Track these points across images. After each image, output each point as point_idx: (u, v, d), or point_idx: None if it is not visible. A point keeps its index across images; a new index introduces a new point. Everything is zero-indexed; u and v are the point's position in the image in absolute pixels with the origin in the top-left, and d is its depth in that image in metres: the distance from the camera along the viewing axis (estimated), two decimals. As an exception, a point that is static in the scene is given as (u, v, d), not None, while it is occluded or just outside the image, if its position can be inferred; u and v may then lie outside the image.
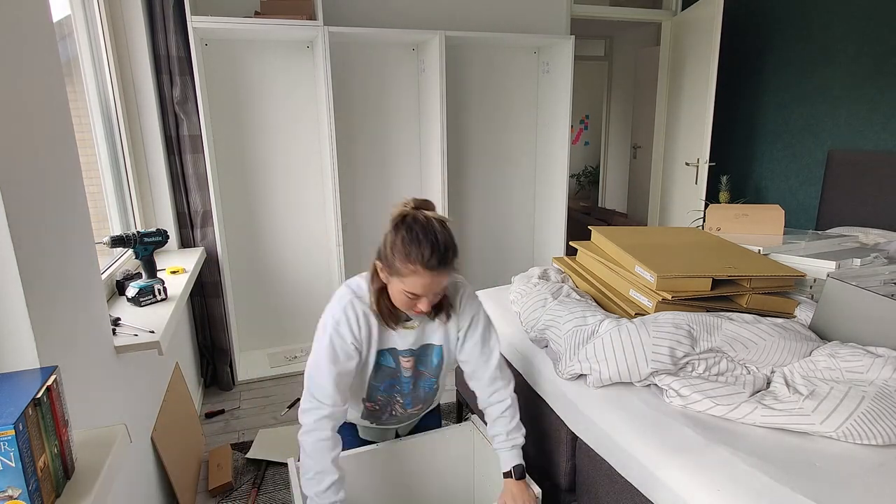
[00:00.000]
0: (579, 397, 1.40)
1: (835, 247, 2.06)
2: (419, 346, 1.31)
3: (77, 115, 1.89)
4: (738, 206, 2.36)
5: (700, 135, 3.39)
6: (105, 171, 2.09)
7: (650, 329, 1.40)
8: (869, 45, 2.78)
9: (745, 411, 1.18)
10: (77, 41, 1.96)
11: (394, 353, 1.30)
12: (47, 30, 1.09)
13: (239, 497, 1.94)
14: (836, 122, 2.99)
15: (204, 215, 2.57)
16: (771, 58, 3.34)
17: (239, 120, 2.88)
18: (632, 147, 5.27)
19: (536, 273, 2.06)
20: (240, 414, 2.54)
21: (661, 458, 1.11)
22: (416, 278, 1.12)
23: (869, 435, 1.08)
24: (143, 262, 1.75)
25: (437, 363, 1.35)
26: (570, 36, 3.12)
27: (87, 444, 0.86)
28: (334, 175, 2.79)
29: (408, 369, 1.33)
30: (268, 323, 3.16)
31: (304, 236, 3.12)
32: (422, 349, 1.32)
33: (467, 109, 3.38)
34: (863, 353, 1.28)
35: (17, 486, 0.65)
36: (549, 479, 1.58)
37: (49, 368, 0.77)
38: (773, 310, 1.65)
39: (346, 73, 3.02)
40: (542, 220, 3.61)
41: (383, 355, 1.29)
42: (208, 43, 2.74)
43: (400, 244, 1.12)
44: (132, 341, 1.41)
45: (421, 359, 1.33)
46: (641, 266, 1.65)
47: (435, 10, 3.13)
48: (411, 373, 1.34)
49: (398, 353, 1.30)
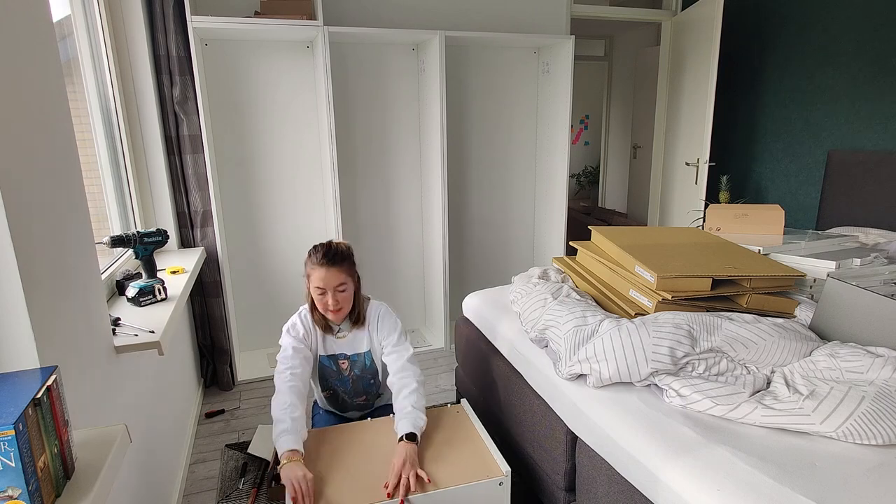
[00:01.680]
0: (579, 397, 1.40)
1: (835, 247, 2.06)
2: (352, 352, 1.73)
3: (77, 115, 1.89)
4: (738, 206, 2.36)
5: (700, 135, 3.39)
6: (105, 171, 2.09)
7: (650, 329, 1.40)
8: (869, 45, 2.78)
9: (745, 411, 1.18)
10: (77, 41, 1.96)
11: (333, 358, 1.73)
12: (47, 30, 1.09)
13: (239, 497, 1.94)
14: (836, 122, 2.99)
15: (204, 215, 2.57)
16: (771, 58, 3.34)
17: (239, 120, 2.88)
18: (632, 147, 5.27)
19: (536, 273, 2.06)
20: (240, 414, 2.54)
21: (660, 458, 1.11)
22: (315, 273, 1.60)
23: (869, 435, 1.08)
24: (143, 262, 1.75)
25: (369, 364, 1.75)
26: (570, 36, 3.13)
27: (87, 444, 0.86)
28: (334, 175, 2.79)
29: (346, 370, 1.74)
30: (268, 323, 3.16)
31: (304, 236, 3.12)
32: (355, 355, 1.73)
33: (467, 109, 3.38)
34: (863, 353, 1.28)
35: (17, 486, 0.65)
36: (549, 479, 1.58)
37: (49, 368, 0.77)
38: (773, 310, 1.65)
39: (346, 72, 3.02)
40: (542, 220, 3.61)
41: (324, 359, 1.73)
42: (208, 43, 2.74)
43: (306, 256, 1.66)
44: (132, 341, 1.41)
45: (355, 362, 1.74)
46: (641, 266, 1.65)
47: (435, 10, 3.13)
48: (349, 373, 1.75)
49: (336, 357, 1.73)
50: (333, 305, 1.60)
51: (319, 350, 1.72)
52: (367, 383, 1.78)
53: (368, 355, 1.74)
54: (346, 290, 1.63)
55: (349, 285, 1.64)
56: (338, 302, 1.61)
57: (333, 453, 1.50)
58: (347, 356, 1.73)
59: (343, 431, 1.61)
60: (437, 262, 3.14)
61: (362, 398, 1.81)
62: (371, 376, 1.77)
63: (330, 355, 1.73)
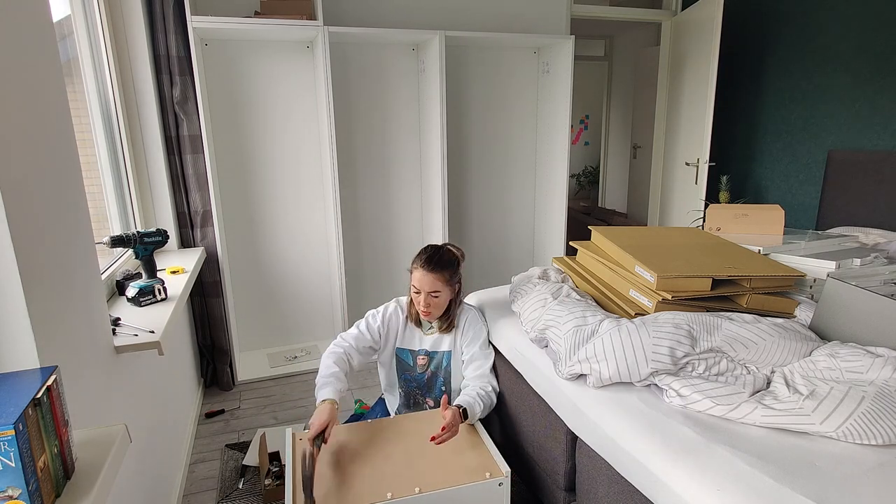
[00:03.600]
0: (579, 397, 1.40)
1: (835, 247, 2.06)
2: (434, 350, 1.82)
3: (77, 115, 1.89)
4: (738, 206, 2.36)
5: (700, 135, 3.39)
6: (105, 171, 2.09)
7: (650, 329, 1.40)
8: (869, 45, 2.78)
9: (745, 411, 1.18)
10: (77, 41, 1.96)
11: (413, 352, 1.83)
12: (47, 30, 1.09)
13: (239, 497, 1.94)
14: (836, 122, 2.98)
15: (204, 215, 2.57)
16: (771, 58, 3.34)
17: (239, 120, 2.88)
18: (632, 147, 5.27)
19: (536, 273, 2.06)
20: (240, 414, 2.54)
21: (661, 458, 1.11)
22: (416, 274, 1.71)
23: (869, 435, 1.08)
24: (143, 262, 1.75)
25: (446, 365, 1.82)
26: (570, 36, 3.13)
27: (87, 444, 0.86)
28: (334, 175, 2.79)
29: (422, 366, 1.83)
30: (268, 323, 3.16)
31: (305, 236, 3.12)
32: (434, 353, 1.82)
33: (467, 109, 3.38)
34: (863, 353, 1.28)
35: (17, 486, 0.65)
36: (549, 479, 1.58)
37: (49, 368, 0.77)
38: (773, 310, 1.64)
39: (346, 72, 3.02)
40: (542, 220, 3.61)
41: (403, 352, 1.84)
42: (208, 43, 2.74)
43: (415, 254, 1.77)
44: (132, 341, 1.41)
45: (433, 360, 1.83)
46: (641, 266, 1.65)
47: (435, 10, 3.13)
48: (425, 370, 1.83)
49: (416, 353, 1.83)
50: (425, 307, 1.71)
51: (398, 342, 1.83)
52: (438, 384, 1.85)
53: (448, 356, 1.82)
54: (440, 296, 1.71)
55: (444, 293, 1.71)
56: (429, 305, 1.70)
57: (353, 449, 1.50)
58: (428, 352, 1.83)
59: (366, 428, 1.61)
60: (437, 262, 3.13)
61: (430, 402, 1.87)
62: (444, 378, 1.84)
63: (409, 349, 1.83)
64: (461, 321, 1.82)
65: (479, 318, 1.85)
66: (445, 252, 1.74)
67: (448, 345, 1.81)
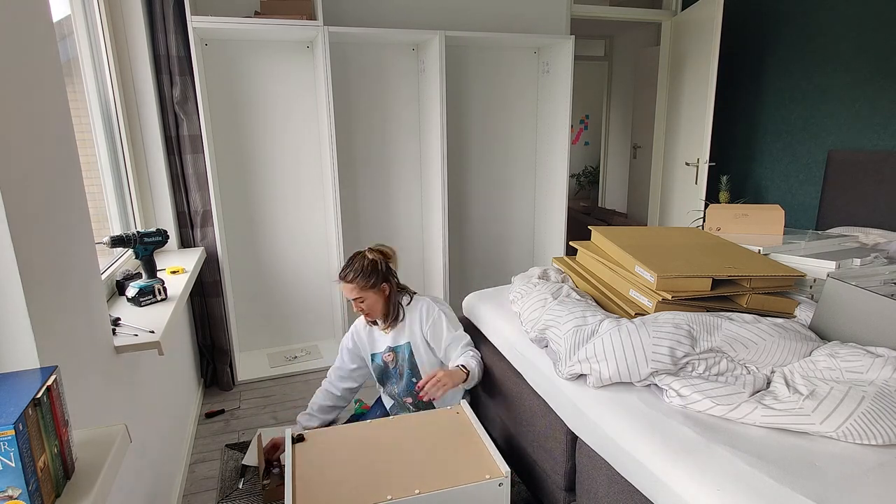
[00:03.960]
0: (579, 397, 1.40)
1: (835, 247, 2.06)
2: (395, 344, 1.92)
3: (77, 115, 1.89)
4: (738, 206, 2.35)
5: (700, 135, 3.39)
6: (105, 171, 2.09)
7: (650, 329, 1.40)
8: (869, 45, 2.78)
9: (745, 411, 1.18)
10: (77, 41, 1.96)
11: (381, 353, 1.93)
12: (47, 30, 1.09)
13: (239, 497, 1.94)
14: (836, 122, 2.98)
15: (204, 215, 2.57)
16: (771, 58, 3.34)
17: (239, 120, 2.88)
18: (632, 147, 5.27)
19: (536, 273, 2.06)
20: (240, 414, 2.54)
21: (661, 458, 1.11)
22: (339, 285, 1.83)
23: (869, 435, 1.08)
24: (143, 262, 1.75)
25: (408, 356, 1.90)
26: (570, 36, 3.12)
27: (87, 444, 0.86)
28: (334, 175, 2.79)
29: (391, 361, 1.93)
30: (268, 323, 3.16)
31: (305, 236, 3.12)
32: (397, 347, 1.92)
33: (467, 109, 3.38)
34: (863, 353, 1.28)
35: (17, 486, 0.65)
36: (549, 479, 1.58)
37: (49, 368, 0.77)
38: (773, 310, 1.64)
39: (346, 72, 3.02)
40: (542, 220, 3.61)
41: (376, 356, 1.96)
42: (208, 43, 2.74)
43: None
44: (132, 341, 1.41)
45: (398, 354, 1.92)
46: (641, 266, 1.65)
47: (435, 10, 3.13)
48: (394, 365, 1.92)
49: (382, 352, 1.93)
50: (359, 312, 1.84)
51: (370, 349, 1.96)
52: (407, 376, 1.91)
53: (408, 347, 1.89)
54: (367, 301, 1.80)
55: (369, 297, 1.80)
56: (362, 310, 1.82)
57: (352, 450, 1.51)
58: (391, 347, 1.92)
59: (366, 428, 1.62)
60: (437, 262, 3.14)
61: (409, 400, 1.94)
62: (411, 369, 1.90)
63: (379, 352, 1.95)
64: (414, 314, 1.88)
65: (433, 306, 1.89)
66: (356, 261, 1.81)
67: (406, 337, 1.89)
